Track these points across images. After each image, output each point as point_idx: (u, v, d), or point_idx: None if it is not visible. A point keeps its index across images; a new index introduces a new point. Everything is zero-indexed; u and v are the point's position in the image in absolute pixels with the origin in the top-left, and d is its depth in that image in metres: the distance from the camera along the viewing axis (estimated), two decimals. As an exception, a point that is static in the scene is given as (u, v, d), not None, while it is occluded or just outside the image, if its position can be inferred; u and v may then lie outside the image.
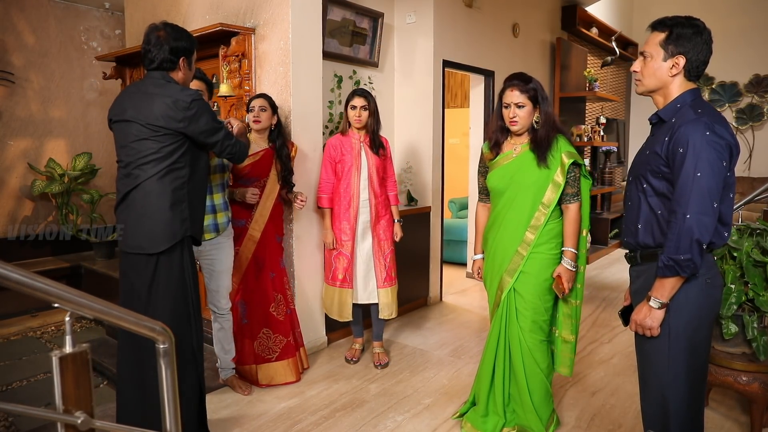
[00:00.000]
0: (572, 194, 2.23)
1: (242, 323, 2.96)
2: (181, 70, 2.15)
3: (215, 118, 2.15)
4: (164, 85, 2.08)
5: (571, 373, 2.39)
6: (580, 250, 2.27)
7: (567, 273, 2.21)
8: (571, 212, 2.23)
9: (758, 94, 7.21)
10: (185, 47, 2.13)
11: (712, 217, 1.52)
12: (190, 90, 2.10)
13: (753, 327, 2.23)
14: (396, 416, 2.65)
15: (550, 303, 2.30)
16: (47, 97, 5.75)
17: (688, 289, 1.62)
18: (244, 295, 2.95)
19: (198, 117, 2.06)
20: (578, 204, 2.23)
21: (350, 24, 3.87)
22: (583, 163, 2.24)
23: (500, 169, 2.30)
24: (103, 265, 5.43)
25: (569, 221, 2.23)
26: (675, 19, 1.64)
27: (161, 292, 2.09)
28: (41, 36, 5.64)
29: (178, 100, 2.03)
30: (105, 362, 3.80)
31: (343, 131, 3.18)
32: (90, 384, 0.99)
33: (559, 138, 2.23)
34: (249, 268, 2.93)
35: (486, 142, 2.40)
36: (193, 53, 2.20)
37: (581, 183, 2.25)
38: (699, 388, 1.68)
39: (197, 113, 2.05)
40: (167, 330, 1.14)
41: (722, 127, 1.55)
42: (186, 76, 2.20)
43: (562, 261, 2.23)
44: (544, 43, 5.86)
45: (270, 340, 2.97)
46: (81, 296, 0.98)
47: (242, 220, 2.91)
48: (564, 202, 2.24)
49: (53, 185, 5.52)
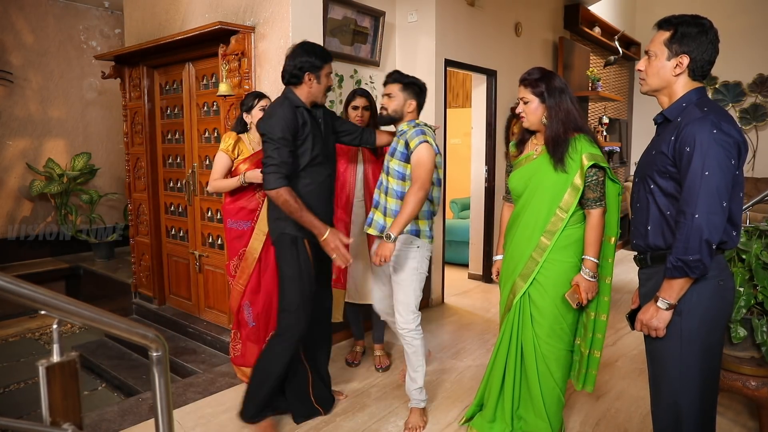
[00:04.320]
0: (594, 199, 2.05)
1: (250, 326, 2.92)
2: (306, 84, 2.32)
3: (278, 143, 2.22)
4: (278, 100, 2.35)
5: (579, 387, 2.25)
6: (605, 259, 2.12)
7: (585, 283, 2.06)
8: (593, 218, 2.06)
9: (762, 93, 7.14)
10: (311, 62, 2.30)
11: (721, 216, 1.49)
12: (274, 117, 2.25)
13: (762, 331, 2.18)
14: (398, 420, 2.61)
15: (571, 311, 2.15)
16: (46, 97, 5.72)
17: (700, 291, 1.57)
18: (250, 296, 2.91)
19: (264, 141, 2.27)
20: (601, 209, 2.06)
21: (351, 23, 3.83)
22: (608, 166, 2.05)
23: (521, 169, 2.20)
24: (102, 266, 5.40)
25: (590, 228, 2.07)
26: (680, 18, 1.61)
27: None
28: (40, 35, 5.61)
29: (261, 119, 2.33)
30: (104, 365, 3.77)
31: None
32: (78, 394, 0.94)
33: (579, 138, 2.05)
34: (255, 269, 2.89)
35: (513, 140, 2.34)
36: (322, 68, 2.34)
37: (607, 187, 2.08)
38: (712, 392, 1.64)
39: (262, 133, 2.27)
40: (160, 337, 1.10)
41: (729, 125, 1.51)
42: (313, 90, 2.35)
43: (581, 270, 2.09)
44: (546, 42, 5.81)
45: None
46: (69, 303, 0.93)
47: (248, 221, 2.88)
48: (586, 207, 2.08)
49: (52, 185, 5.49)
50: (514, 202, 2.28)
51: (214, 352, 3.53)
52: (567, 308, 2.13)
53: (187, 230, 3.96)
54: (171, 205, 4.11)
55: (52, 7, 5.66)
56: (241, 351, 2.97)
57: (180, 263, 4.06)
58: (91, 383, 3.71)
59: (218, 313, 3.72)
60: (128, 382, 3.48)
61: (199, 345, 3.66)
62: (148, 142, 4.13)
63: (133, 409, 2.76)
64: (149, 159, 4.14)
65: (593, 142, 2.07)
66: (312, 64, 2.31)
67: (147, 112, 4.11)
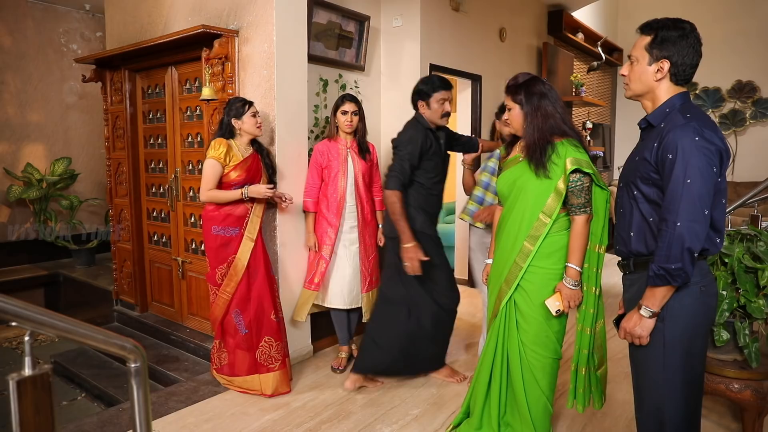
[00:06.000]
0: (578, 205, 2.00)
1: (241, 334, 2.87)
2: (421, 109, 2.81)
3: (402, 157, 2.70)
4: (412, 120, 2.85)
5: (570, 405, 2.16)
6: (590, 269, 2.06)
7: (567, 291, 2.03)
8: (577, 225, 2.01)
9: (740, 99, 7.28)
10: (423, 91, 2.77)
11: (703, 224, 1.48)
12: (407, 134, 2.76)
13: (745, 334, 2.21)
14: (383, 428, 2.58)
15: (556, 319, 2.12)
16: (24, 101, 5.61)
17: (682, 297, 1.58)
18: (239, 304, 2.86)
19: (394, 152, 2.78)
20: (586, 216, 2.01)
21: (336, 27, 3.81)
22: (593, 171, 1.99)
23: (507, 171, 2.17)
24: (82, 273, 5.30)
25: (574, 235, 2.02)
26: (661, 22, 1.60)
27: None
28: (18, 38, 5.51)
29: (399, 133, 2.82)
30: (83, 374, 3.68)
31: (331, 136, 3.17)
32: (52, 409, 0.91)
33: (564, 142, 2.01)
34: (243, 276, 2.85)
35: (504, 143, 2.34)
36: (431, 96, 2.76)
37: (594, 194, 2.04)
38: (695, 398, 1.64)
39: (395, 146, 2.77)
40: (138, 348, 1.07)
41: (712, 132, 1.51)
42: (428, 115, 2.80)
43: (563, 278, 2.07)
44: (530, 47, 5.85)
45: (272, 349, 2.91)
46: (41, 313, 0.90)
47: (236, 228, 2.85)
48: (570, 214, 2.04)
49: (30, 191, 5.38)
50: (502, 204, 2.25)
51: (198, 359, 3.48)
52: (551, 316, 2.10)
53: (169, 236, 3.90)
54: (153, 211, 4.05)
55: (31, 9, 5.56)
56: (228, 360, 2.91)
57: (162, 270, 4.00)
58: (71, 393, 3.62)
59: (201, 321, 3.67)
60: (109, 391, 3.41)
61: (182, 353, 3.60)
62: (129, 146, 4.06)
63: (113, 420, 2.69)
64: (131, 164, 4.07)
65: (579, 146, 2.03)
66: (423, 92, 2.77)
67: (129, 117, 4.04)
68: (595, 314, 2.09)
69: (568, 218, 2.07)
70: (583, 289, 2.08)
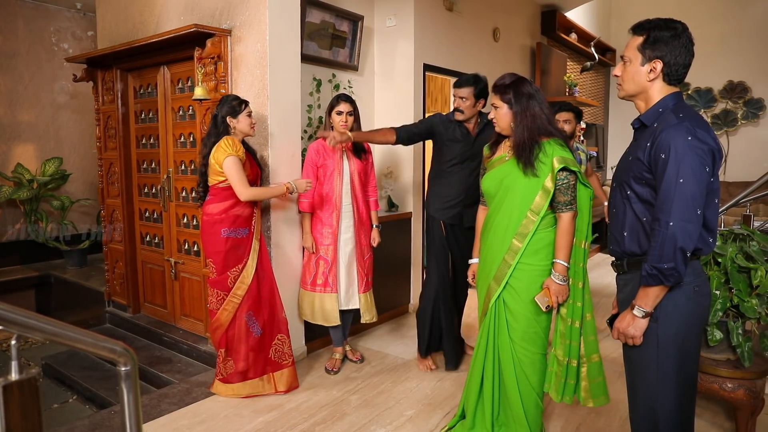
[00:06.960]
0: (564, 202, 2.08)
1: (255, 336, 2.83)
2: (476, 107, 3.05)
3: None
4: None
5: (559, 399, 2.15)
6: (576, 264, 2.12)
7: (555, 286, 2.09)
8: (564, 222, 2.08)
9: (732, 99, 7.33)
10: (482, 89, 3.01)
11: (695, 224, 1.49)
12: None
13: (738, 333, 2.21)
14: (378, 429, 2.57)
15: (544, 315, 2.16)
16: (15, 100, 5.56)
17: (676, 297, 1.58)
18: (252, 307, 2.83)
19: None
20: (572, 213, 2.08)
21: (330, 27, 3.80)
22: (578, 170, 2.08)
23: (493, 171, 2.21)
24: (74, 274, 5.26)
25: (561, 231, 2.09)
26: (653, 23, 1.60)
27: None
28: (8, 37, 5.46)
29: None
30: (75, 376, 3.65)
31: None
32: (39, 414, 0.89)
33: (550, 142, 2.07)
34: (253, 279, 2.83)
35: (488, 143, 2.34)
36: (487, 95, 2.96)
37: (579, 192, 2.10)
38: (689, 398, 1.64)
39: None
40: (129, 351, 1.05)
41: (704, 132, 1.51)
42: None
43: (551, 273, 2.12)
44: (524, 47, 5.86)
45: (285, 345, 2.93)
46: (29, 316, 0.88)
47: (246, 228, 2.82)
48: (557, 211, 2.11)
49: (21, 191, 5.33)
50: (488, 204, 2.29)
51: (190, 361, 3.45)
52: (540, 312, 2.14)
53: (162, 237, 3.87)
54: (146, 211, 4.02)
55: (21, 8, 5.50)
56: (238, 368, 2.83)
57: (155, 270, 3.97)
58: (62, 396, 3.58)
59: (194, 322, 3.64)
60: (100, 393, 3.37)
61: (175, 354, 3.58)
62: (121, 146, 4.03)
63: (105, 423, 2.67)
64: (123, 164, 4.04)
65: (565, 146, 2.10)
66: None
67: (120, 117, 4.01)
68: (582, 307, 2.14)
69: (554, 216, 2.13)
70: (570, 284, 2.13)
